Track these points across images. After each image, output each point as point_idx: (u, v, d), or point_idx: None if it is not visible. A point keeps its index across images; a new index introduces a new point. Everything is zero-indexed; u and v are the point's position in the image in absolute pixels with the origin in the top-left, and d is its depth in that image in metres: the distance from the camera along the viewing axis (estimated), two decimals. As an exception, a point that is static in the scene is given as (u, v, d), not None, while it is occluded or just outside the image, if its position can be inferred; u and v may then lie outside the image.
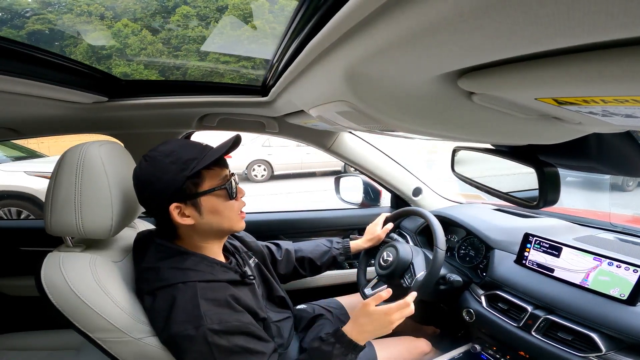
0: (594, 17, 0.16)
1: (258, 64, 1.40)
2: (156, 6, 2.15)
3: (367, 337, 0.89)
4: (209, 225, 0.82)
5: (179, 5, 2.13)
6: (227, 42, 1.63)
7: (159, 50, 2.08)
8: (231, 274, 0.85)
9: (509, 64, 0.28)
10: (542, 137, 0.54)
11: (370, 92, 0.43)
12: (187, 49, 2.10)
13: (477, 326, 1.14)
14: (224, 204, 0.82)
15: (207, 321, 0.71)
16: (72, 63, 0.86)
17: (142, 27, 2.06)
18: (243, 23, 1.68)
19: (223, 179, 0.82)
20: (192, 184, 0.78)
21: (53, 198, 0.77)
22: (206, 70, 1.82)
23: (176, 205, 0.77)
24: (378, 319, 0.89)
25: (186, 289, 0.75)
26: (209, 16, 2.10)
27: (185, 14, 2.15)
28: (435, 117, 0.47)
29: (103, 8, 2.08)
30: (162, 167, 0.76)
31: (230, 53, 1.63)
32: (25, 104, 0.89)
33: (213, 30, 1.90)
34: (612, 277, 0.87)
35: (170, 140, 0.82)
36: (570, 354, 0.86)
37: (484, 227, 1.28)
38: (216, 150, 0.80)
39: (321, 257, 1.24)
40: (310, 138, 1.49)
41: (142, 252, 0.84)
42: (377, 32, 0.29)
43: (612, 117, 0.32)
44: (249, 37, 1.58)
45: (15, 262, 1.53)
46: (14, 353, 1.35)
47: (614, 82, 0.22)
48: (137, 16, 2.10)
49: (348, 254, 1.27)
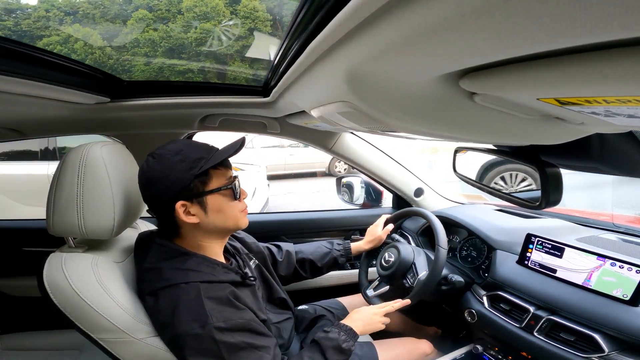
0: (596, 17, 0.16)
1: (259, 65, 1.40)
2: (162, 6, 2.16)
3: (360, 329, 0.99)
4: (213, 224, 0.82)
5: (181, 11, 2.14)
6: (229, 44, 1.63)
7: (161, 51, 2.09)
8: (232, 275, 0.85)
9: (511, 64, 0.28)
10: (544, 138, 0.54)
11: (371, 92, 0.43)
12: (188, 49, 2.11)
13: (479, 327, 1.13)
14: (228, 204, 0.83)
15: (213, 319, 0.72)
16: (74, 64, 0.86)
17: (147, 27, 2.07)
18: (243, 23, 1.68)
19: (229, 179, 0.84)
20: (200, 183, 0.79)
21: (55, 198, 0.78)
22: (208, 71, 1.83)
23: (182, 203, 0.78)
24: (367, 317, 1.02)
25: (189, 289, 0.76)
26: (210, 17, 2.10)
27: (189, 12, 2.15)
28: (437, 118, 0.47)
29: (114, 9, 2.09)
30: (170, 165, 0.77)
31: (232, 54, 1.64)
32: (27, 105, 0.89)
33: (214, 31, 1.90)
34: (615, 277, 0.87)
35: (177, 139, 0.84)
36: (573, 354, 0.85)
37: (486, 227, 1.28)
38: (224, 151, 0.81)
39: (322, 258, 1.25)
40: (312, 139, 1.49)
41: (144, 252, 0.84)
42: (378, 33, 0.29)
43: (615, 117, 0.32)
44: (250, 37, 1.58)
45: (17, 262, 1.54)
46: (16, 353, 1.36)
47: (616, 83, 0.22)
48: (140, 16, 2.11)
49: (349, 256, 1.28)
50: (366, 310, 1.04)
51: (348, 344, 0.92)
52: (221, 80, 1.76)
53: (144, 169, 0.79)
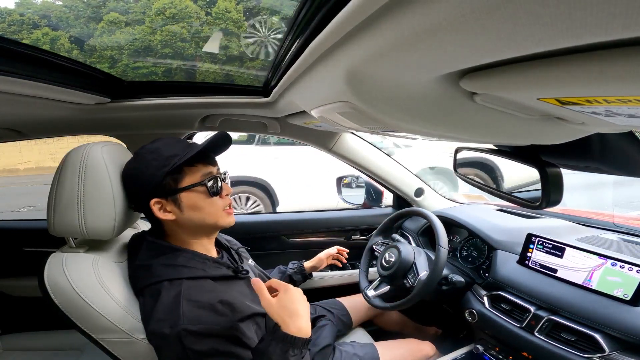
0: (596, 17, 0.16)
1: (260, 65, 1.41)
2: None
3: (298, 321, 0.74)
4: (191, 220, 0.82)
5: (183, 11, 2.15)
6: (229, 44, 1.64)
7: (164, 52, 2.09)
8: (223, 270, 0.84)
9: (511, 64, 0.28)
10: (544, 138, 0.54)
11: (372, 92, 0.43)
12: (190, 50, 2.11)
13: (479, 327, 1.13)
14: (205, 201, 0.81)
15: (184, 321, 0.70)
16: (74, 64, 0.86)
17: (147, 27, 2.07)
18: (244, 24, 1.69)
19: (205, 175, 0.82)
20: (172, 180, 0.79)
21: (56, 199, 0.78)
22: (209, 71, 1.83)
23: (157, 201, 0.79)
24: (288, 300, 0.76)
25: (171, 288, 0.75)
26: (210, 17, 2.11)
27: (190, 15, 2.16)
28: (437, 118, 0.47)
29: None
30: (144, 163, 0.78)
31: (232, 54, 1.64)
32: (27, 105, 0.90)
33: (215, 31, 1.91)
34: (615, 277, 0.87)
35: (160, 138, 0.84)
36: (574, 354, 0.85)
37: (487, 227, 1.28)
38: (197, 147, 0.80)
39: (280, 278, 1.28)
40: (312, 139, 1.49)
41: (136, 250, 0.84)
42: (379, 33, 0.29)
43: (615, 117, 0.32)
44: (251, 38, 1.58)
45: (18, 262, 1.54)
46: (17, 353, 1.36)
47: (616, 82, 0.22)
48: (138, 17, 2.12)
49: (303, 273, 1.33)
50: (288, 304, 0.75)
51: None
52: (221, 81, 1.77)
53: (124, 168, 0.81)
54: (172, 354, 0.72)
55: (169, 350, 0.72)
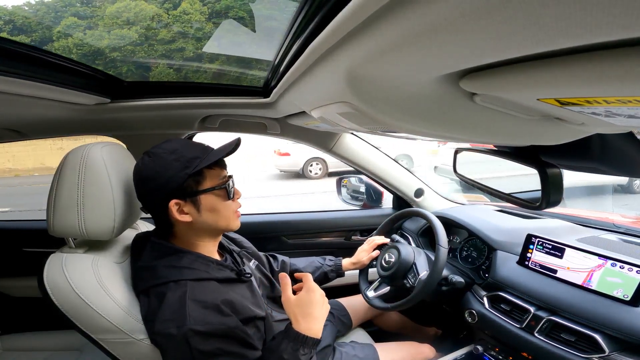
0: (596, 17, 0.16)
1: (260, 66, 1.41)
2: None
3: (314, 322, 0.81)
4: (206, 223, 0.82)
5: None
6: (229, 44, 1.64)
7: (164, 52, 2.10)
8: (227, 272, 0.84)
9: (511, 64, 0.28)
10: (544, 138, 0.54)
11: (371, 93, 0.43)
12: (190, 50, 2.11)
13: (479, 327, 1.13)
14: (222, 204, 0.83)
15: (190, 321, 0.70)
16: (74, 64, 0.86)
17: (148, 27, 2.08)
18: (244, 24, 1.69)
19: (223, 179, 0.84)
20: (194, 182, 0.79)
21: (56, 199, 0.78)
22: (208, 72, 1.83)
23: (176, 202, 0.78)
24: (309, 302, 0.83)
25: (177, 288, 0.75)
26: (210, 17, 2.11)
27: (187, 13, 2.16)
28: (437, 118, 0.47)
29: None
30: (165, 164, 0.77)
31: (232, 54, 1.64)
32: (27, 106, 0.90)
33: (215, 32, 1.91)
34: (615, 278, 0.87)
35: (173, 139, 0.84)
36: (573, 355, 0.85)
37: (487, 228, 1.28)
38: (219, 151, 0.82)
39: (313, 272, 1.25)
40: (312, 139, 1.49)
41: (139, 251, 0.84)
42: (378, 34, 0.29)
43: (615, 118, 0.32)
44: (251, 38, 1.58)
45: (18, 262, 1.54)
46: (16, 354, 1.36)
47: (616, 83, 0.22)
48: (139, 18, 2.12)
49: (340, 272, 1.29)
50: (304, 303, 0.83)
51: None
52: (221, 81, 1.77)
53: (139, 167, 0.80)
54: (178, 354, 0.72)
55: (174, 350, 0.72)
